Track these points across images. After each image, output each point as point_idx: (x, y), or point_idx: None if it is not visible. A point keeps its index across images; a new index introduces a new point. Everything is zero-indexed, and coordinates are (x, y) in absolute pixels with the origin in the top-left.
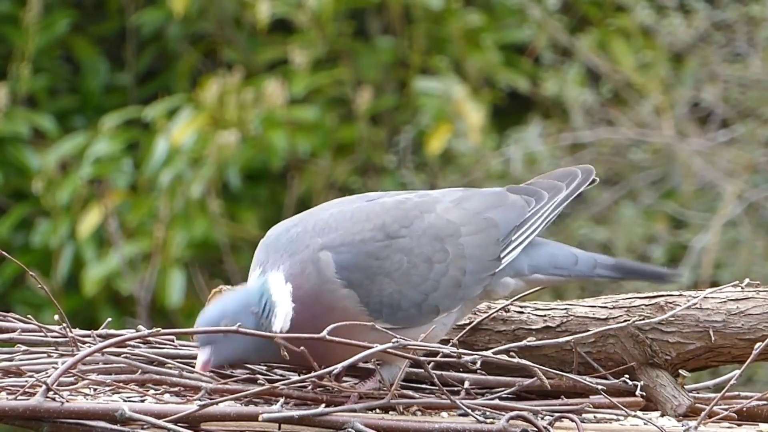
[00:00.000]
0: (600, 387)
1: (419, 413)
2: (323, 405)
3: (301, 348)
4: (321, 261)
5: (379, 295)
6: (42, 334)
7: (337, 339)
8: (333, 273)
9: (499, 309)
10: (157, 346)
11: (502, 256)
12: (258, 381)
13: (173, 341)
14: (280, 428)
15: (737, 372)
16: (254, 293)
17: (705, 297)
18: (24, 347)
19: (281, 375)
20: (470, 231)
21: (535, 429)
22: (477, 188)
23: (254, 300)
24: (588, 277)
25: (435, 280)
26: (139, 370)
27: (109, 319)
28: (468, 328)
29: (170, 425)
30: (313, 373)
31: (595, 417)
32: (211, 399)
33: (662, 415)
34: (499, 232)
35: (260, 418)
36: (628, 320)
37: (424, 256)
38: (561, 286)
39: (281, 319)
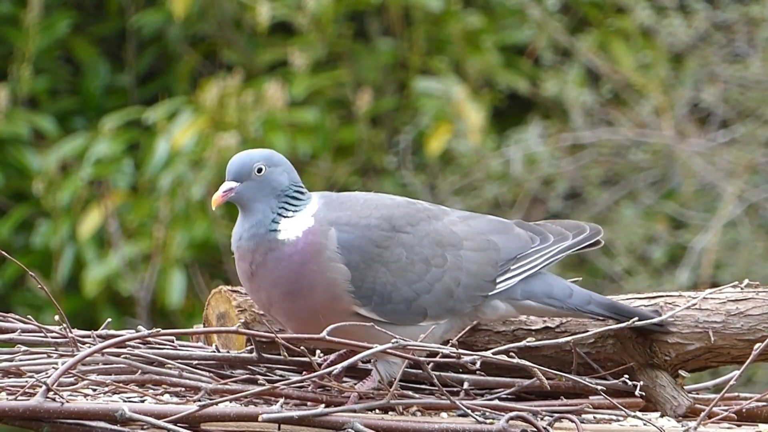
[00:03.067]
0: (599, 387)
1: (419, 413)
2: (323, 405)
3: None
4: (327, 234)
5: (373, 281)
6: (42, 334)
7: (336, 339)
8: (335, 247)
9: None
10: (157, 346)
11: (498, 280)
12: (258, 381)
13: (173, 342)
14: (279, 429)
15: (737, 373)
16: (300, 186)
17: (704, 298)
18: (24, 348)
19: (281, 375)
20: (471, 247)
21: (535, 429)
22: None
23: (297, 178)
24: (580, 311)
25: (429, 283)
26: (139, 371)
27: (109, 319)
28: (468, 328)
29: (170, 425)
30: (313, 374)
31: (594, 417)
32: (210, 399)
33: (662, 416)
34: (499, 256)
35: (260, 419)
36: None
37: (423, 256)
38: (551, 317)
39: (290, 229)
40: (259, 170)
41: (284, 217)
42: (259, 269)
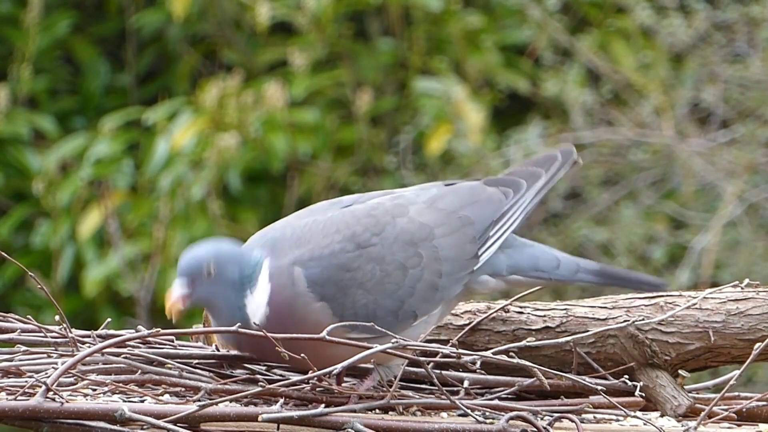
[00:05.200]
0: (599, 387)
1: (419, 413)
2: (323, 405)
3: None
4: (294, 275)
5: (353, 307)
6: (42, 334)
7: (336, 339)
8: (305, 288)
9: (499, 309)
10: (157, 346)
11: (479, 253)
12: (258, 381)
13: (173, 341)
14: (279, 429)
15: (737, 372)
16: (249, 256)
17: (705, 297)
18: (24, 348)
19: (281, 375)
20: (445, 232)
21: (535, 429)
22: (453, 184)
23: (246, 261)
24: (569, 281)
25: (410, 286)
26: (139, 371)
27: (109, 319)
28: (468, 328)
29: (170, 425)
30: (313, 374)
31: (594, 417)
32: (210, 399)
33: (662, 416)
34: (475, 229)
35: (260, 419)
36: (628, 320)
37: (397, 263)
38: (542, 287)
39: (256, 307)
40: (209, 273)
41: (246, 298)
42: (250, 348)
